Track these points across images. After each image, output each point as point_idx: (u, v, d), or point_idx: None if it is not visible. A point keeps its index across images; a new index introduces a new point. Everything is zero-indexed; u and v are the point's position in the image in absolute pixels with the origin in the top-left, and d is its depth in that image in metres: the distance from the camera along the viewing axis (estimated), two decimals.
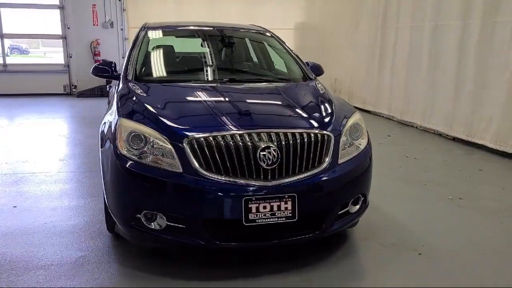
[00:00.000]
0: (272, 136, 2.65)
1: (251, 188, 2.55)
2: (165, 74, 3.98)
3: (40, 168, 4.91)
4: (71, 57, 10.70)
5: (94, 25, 10.66)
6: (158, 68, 4.01)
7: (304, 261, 2.92)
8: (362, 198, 3.00)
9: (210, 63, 4.09)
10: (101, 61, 10.77)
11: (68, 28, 10.56)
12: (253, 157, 2.57)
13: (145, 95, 3.22)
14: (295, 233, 2.70)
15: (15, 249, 3.05)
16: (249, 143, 2.59)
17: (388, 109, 8.17)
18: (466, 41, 6.13)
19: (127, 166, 2.64)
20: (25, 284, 2.63)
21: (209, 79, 3.81)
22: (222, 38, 4.38)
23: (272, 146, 2.60)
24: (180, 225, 2.61)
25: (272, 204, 2.56)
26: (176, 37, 4.85)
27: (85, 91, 10.64)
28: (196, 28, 4.59)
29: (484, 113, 5.87)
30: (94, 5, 10.54)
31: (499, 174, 4.96)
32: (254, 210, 2.54)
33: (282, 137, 2.65)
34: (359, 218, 3.12)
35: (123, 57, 10.97)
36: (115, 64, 3.91)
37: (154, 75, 3.92)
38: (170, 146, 2.61)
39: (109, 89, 5.11)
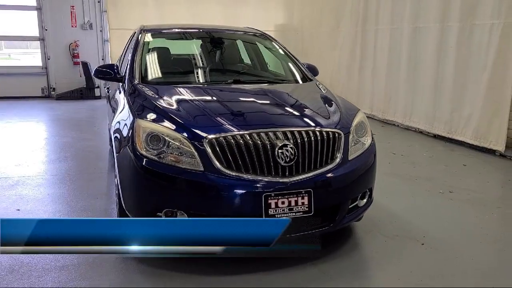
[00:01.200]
0: (288, 134, 2.77)
1: (270, 185, 2.65)
2: (171, 76, 4.00)
3: (34, 172, 4.86)
4: (49, 59, 10.49)
5: (72, 26, 10.49)
6: (164, 69, 4.04)
7: (316, 254, 3.03)
8: (369, 193, 3.16)
9: (216, 64, 4.16)
10: (80, 63, 10.58)
11: (46, 29, 10.35)
12: (271, 155, 2.68)
13: (157, 96, 3.26)
14: (311, 226, 2.83)
15: None
16: (267, 142, 2.70)
17: (370, 108, 8.42)
18: (445, 43, 6.42)
19: (148, 166, 2.69)
20: (47, 285, 2.66)
21: (217, 80, 3.90)
22: (222, 40, 4.46)
23: (289, 144, 2.71)
24: None
25: (290, 199, 2.68)
26: (177, 39, 4.87)
27: (65, 94, 10.44)
28: (196, 30, 4.65)
29: (464, 111, 6.17)
30: (73, 6, 10.38)
31: (482, 168, 5.25)
32: (273, 205, 2.65)
33: (297, 135, 2.78)
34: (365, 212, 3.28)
35: (102, 59, 10.84)
36: (117, 67, 3.93)
37: (162, 76, 3.95)
38: (190, 146, 2.68)
39: (108, 92, 5.09)
